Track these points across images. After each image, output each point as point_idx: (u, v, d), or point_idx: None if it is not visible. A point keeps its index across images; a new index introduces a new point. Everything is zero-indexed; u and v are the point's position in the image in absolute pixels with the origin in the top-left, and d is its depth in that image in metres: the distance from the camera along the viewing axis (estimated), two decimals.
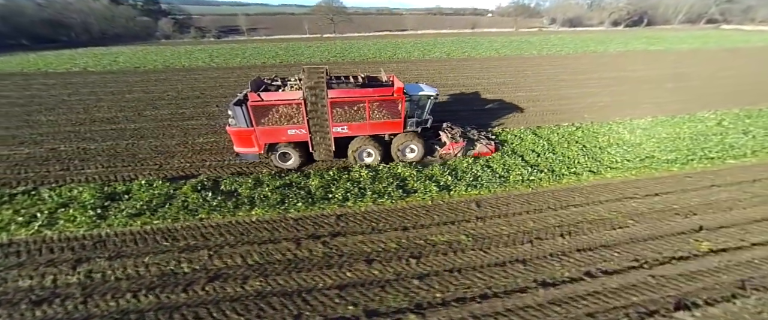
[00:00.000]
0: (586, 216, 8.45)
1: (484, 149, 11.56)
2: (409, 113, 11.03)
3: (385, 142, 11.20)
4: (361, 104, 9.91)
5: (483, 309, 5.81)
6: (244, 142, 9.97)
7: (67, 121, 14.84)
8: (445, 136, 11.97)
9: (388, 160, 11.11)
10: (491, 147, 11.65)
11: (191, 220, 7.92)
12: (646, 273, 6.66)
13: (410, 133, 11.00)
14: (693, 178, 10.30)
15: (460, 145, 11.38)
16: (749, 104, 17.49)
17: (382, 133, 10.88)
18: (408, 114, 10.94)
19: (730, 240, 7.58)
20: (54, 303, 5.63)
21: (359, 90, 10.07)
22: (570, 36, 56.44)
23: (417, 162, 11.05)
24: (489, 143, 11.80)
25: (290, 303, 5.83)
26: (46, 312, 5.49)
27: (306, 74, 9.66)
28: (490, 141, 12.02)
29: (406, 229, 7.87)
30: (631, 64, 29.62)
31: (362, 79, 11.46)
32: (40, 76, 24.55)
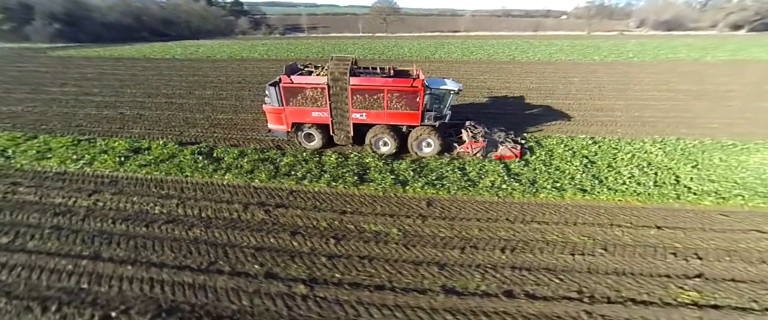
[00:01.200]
0: (546, 235, 7.38)
1: (507, 152, 10.87)
2: (429, 107, 10.99)
3: (403, 133, 11.30)
4: (381, 93, 10.29)
5: (371, 298, 5.76)
6: (275, 119, 11.26)
7: (142, 94, 19.07)
8: (466, 134, 11.65)
9: (405, 152, 11.23)
10: (516, 151, 10.90)
11: (179, 176, 9.64)
12: (582, 307, 5.60)
13: (428, 128, 10.93)
14: (728, 218, 7.95)
15: (479, 145, 10.94)
16: None
17: (400, 124, 11.04)
18: (427, 107, 10.91)
19: (732, 298, 5.77)
20: (65, 215, 7.70)
21: (380, 79, 10.47)
22: (657, 41, 46.82)
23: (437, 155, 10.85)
24: (514, 147, 11.06)
25: (213, 251, 6.75)
26: (59, 220, 7.57)
27: (333, 62, 10.54)
28: (516, 145, 11.28)
29: (344, 213, 8.12)
30: (723, 77, 23.34)
31: (391, 71, 11.56)
32: (143, 60, 31.77)
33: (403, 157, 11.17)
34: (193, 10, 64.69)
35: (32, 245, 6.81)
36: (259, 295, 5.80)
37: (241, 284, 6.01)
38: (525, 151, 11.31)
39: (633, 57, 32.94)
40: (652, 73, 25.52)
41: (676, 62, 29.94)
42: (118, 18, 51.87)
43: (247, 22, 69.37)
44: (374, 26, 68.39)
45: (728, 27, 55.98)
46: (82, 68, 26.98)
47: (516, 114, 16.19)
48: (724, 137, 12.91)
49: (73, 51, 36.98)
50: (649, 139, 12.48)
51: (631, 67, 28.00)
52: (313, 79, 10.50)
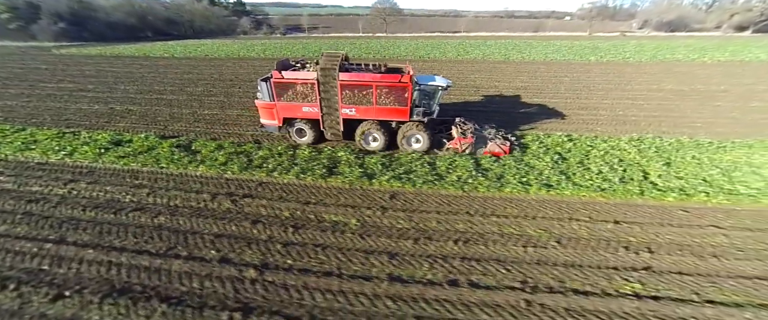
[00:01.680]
0: (503, 228, 7.47)
1: (496, 148, 10.92)
2: (418, 103, 11.06)
3: (392, 129, 11.37)
4: (369, 89, 10.37)
5: (317, 283, 5.93)
6: (267, 114, 11.38)
7: (134, 90, 19.55)
8: (455, 130, 11.74)
9: (394, 148, 11.32)
10: (505, 147, 10.98)
11: (154, 167, 9.94)
12: (523, 296, 5.69)
13: (417, 123, 10.97)
14: (689, 214, 7.94)
15: (467, 140, 11.01)
16: None
17: (388, 120, 11.09)
18: (416, 103, 10.98)
19: (674, 290, 5.81)
20: (39, 202, 8.03)
21: (368, 74, 10.56)
22: (657, 42, 46.24)
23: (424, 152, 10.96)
24: (504, 143, 11.15)
25: (173, 237, 6.99)
26: (32, 207, 7.90)
27: (323, 58, 10.67)
28: (506, 141, 11.37)
29: (308, 204, 8.31)
30: (717, 77, 23.04)
31: (383, 67, 11.72)
32: (142, 59, 32.43)
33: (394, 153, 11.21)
34: (195, 10, 65.66)
35: (3, 229, 7.15)
36: (211, 278, 6.01)
37: (195, 268, 6.24)
38: (514, 147, 11.40)
39: (629, 57, 32.63)
40: (646, 74, 25.29)
41: (673, 63, 29.59)
42: (122, 18, 52.99)
43: (248, 22, 70.24)
44: (375, 26, 68.81)
45: (733, 28, 55.04)
46: (82, 66, 27.70)
47: (499, 111, 16.23)
48: (704, 136, 12.82)
49: (76, 49, 37.93)
50: (626, 137, 12.45)
51: (625, 68, 27.75)
52: (303, 75, 10.62)
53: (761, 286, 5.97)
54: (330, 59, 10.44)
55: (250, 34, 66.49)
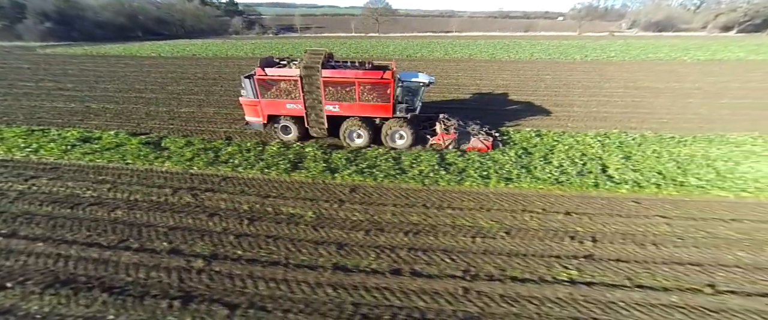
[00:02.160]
0: (456, 220, 7.64)
1: (479, 144, 11.07)
2: (401, 99, 11.11)
3: (376, 125, 11.43)
4: (352, 85, 10.38)
5: (263, 273, 6.05)
6: (252, 112, 11.39)
7: (114, 89, 19.51)
8: (439, 126, 11.84)
9: (380, 144, 11.34)
10: (487, 143, 11.10)
11: (120, 163, 9.99)
12: (462, 284, 5.85)
13: (400, 120, 11.01)
14: (639, 204, 8.17)
15: (450, 136, 11.16)
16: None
17: (372, 116, 11.12)
18: (399, 100, 11.01)
19: (609, 276, 6.01)
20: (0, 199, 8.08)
21: (351, 71, 10.55)
22: (644, 42, 46.91)
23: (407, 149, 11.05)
24: (486, 139, 11.27)
25: (127, 230, 7.06)
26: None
27: (306, 55, 10.75)
28: (488, 137, 11.49)
29: (268, 197, 8.44)
30: (695, 75, 23.51)
31: (368, 64, 11.65)
32: (128, 58, 32.26)
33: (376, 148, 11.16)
34: (186, 9, 65.37)
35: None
36: (158, 269, 6.09)
37: (143, 259, 6.31)
38: (497, 143, 11.51)
39: (613, 56, 33.12)
40: (627, 72, 25.71)
41: (654, 62, 30.09)
42: (111, 17, 52.59)
43: (240, 22, 69.98)
44: (367, 26, 69.01)
45: (718, 29, 56.01)
46: (66, 65, 27.49)
47: (476, 108, 16.42)
48: (669, 131, 13.14)
49: (62, 49, 37.60)
50: (593, 133, 12.73)
51: (607, 66, 28.17)
52: (287, 72, 10.64)
53: (692, 271, 6.19)
54: (313, 56, 10.53)
55: (242, 34, 66.28)
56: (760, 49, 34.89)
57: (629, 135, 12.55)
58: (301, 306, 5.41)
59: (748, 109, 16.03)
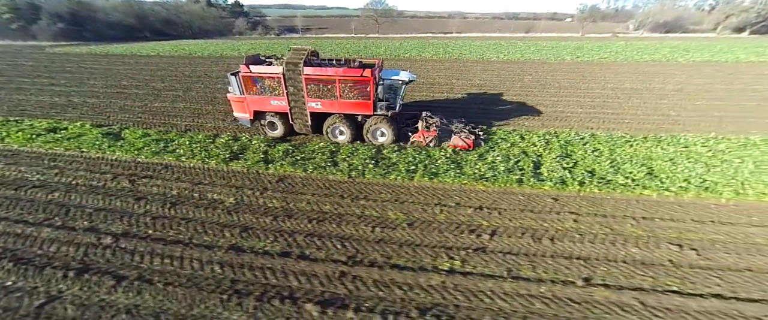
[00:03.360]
0: (365, 211, 7.88)
1: (460, 142, 11.11)
2: (382, 97, 11.18)
3: (358, 123, 11.62)
4: (333, 83, 10.56)
5: (163, 250, 6.49)
6: (239, 107, 11.73)
7: (101, 85, 20.64)
8: (421, 124, 11.93)
9: (362, 141, 11.55)
10: (469, 141, 11.14)
11: (76, 151, 10.73)
12: (341, 268, 6.12)
13: (381, 117, 11.12)
14: (556, 201, 8.20)
15: (431, 134, 11.28)
16: None
17: (353, 113, 11.28)
18: (380, 97, 11.10)
19: (491, 267, 6.16)
20: None
21: (331, 69, 10.66)
22: (646, 43, 45.54)
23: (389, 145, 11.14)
24: (468, 137, 11.33)
25: (56, 210, 7.67)
26: None
27: (290, 52, 10.97)
28: (470, 135, 11.54)
29: (198, 184, 8.91)
30: (682, 76, 22.79)
31: (357, 63, 11.60)
32: (127, 57, 33.84)
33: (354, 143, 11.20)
34: (193, 11, 67.80)
35: None
36: (70, 244, 6.63)
37: (60, 235, 6.87)
38: (479, 142, 11.56)
39: (606, 58, 32.40)
40: (613, 73, 25.16)
41: (647, 63, 29.25)
42: (121, 18, 55.17)
43: (244, 23, 71.92)
44: (367, 27, 69.68)
45: (730, 30, 53.65)
46: (67, 63, 29.14)
47: (441, 107, 16.43)
48: (627, 131, 12.96)
49: (69, 48, 39.79)
50: (542, 132, 12.69)
51: (595, 67, 27.62)
52: (270, 69, 10.86)
53: (575, 266, 6.24)
54: (295, 54, 10.77)
55: (246, 35, 68.05)
56: (766, 52, 33.44)
57: (580, 134, 12.48)
58: (183, 280, 5.81)
59: (719, 110, 15.58)
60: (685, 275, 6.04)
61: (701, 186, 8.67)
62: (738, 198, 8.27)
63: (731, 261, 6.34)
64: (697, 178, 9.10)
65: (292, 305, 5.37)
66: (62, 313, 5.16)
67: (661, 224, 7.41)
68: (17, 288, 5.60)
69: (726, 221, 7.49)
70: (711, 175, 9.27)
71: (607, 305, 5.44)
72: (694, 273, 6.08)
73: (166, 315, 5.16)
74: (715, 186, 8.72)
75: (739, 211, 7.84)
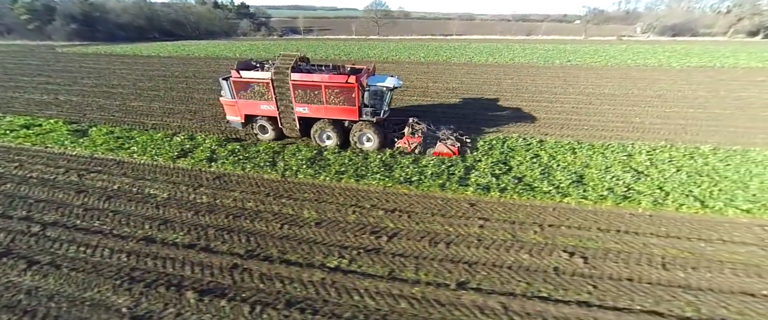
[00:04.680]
0: (284, 209, 8.26)
1: (445, 149, 11.10)
2: (368, 103, 11.24)
3: (345, 128, 11.83)
4: (319, 89, 10.80)
5: (82, 239, 7.06)
6: (231, 111, 12.12)
7: (91, 84, 21.86)
8: (407, 130, 11.91)
9: (349, 146, 11.71)
10: (454, 148, 11.15)
11: (40, 146, 11.59)
12: (235, 260, 6.52)
13: (367, 123, 11.27)
14: (473, 206, 8.38)
15: (415, 140, 11.37)
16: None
17: (339, 118, 11.47)
18: (365, 103, 11.18)
19: (375, 267, 6.44)
20: None
21: (318, 75, 10.93)
22: (647, 46, 44.24)
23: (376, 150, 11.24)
24: (453, 144, 11.39)
25: (5, 201, 8.41)
26: None
27: (279, 58, 11.33)
28: (456, 143, 11.56)
29: (140, 179, 9.54)
30: (667, 82, 22.24)
31: (349, 68, 11.99)
32: (128, 57, 35.48)
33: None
34: (200, 12, 70.21)
35: None
36: (2, 230, 7.30)
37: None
38: (464, 149, 11.56)
39: (599, 61, 31.75)
40: (597, 77, 24.72)
41: (639, 68, 28.55)
42: (131, 19, 57.77)
43: (249, 24, 73.91)
44: (367, 29, 70.34)
45: (743, 33, 51.29)
46: (69, 63, 30.86)
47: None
48: (583, 138, 12.89)
49: (78, 48, 42.00)
50: (490, 137, 12.71)
51: (582, 71, 27.17)
52: (259, 74, 11.16)
53: (458, 269, 6.43)
54: (284, 60, 11.09)
55: (250, 36, 69.90)
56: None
57: (527, 140, 12.49)
58: (89, 267, 6.35)
59: (687, 118, 15.26)
60: (562, 282, 6.16)
61: (622, 196, 8.66)
62: (656, 209, 8.24)
63: (615, 270, 6.40)
64: (622, 187, 9.06)
65: (175, 292, 5.81)
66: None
67: (565, 232, 7.50)
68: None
69: (631, 231, 7.50)
70: (638, 185, 9.22)
71: (471, 308, 5.62)
72: (572, 281, 6.18)
73: (60, 297, 5.71)
74: (637, 195, 8.70)
75: (650, 222, 7.82)
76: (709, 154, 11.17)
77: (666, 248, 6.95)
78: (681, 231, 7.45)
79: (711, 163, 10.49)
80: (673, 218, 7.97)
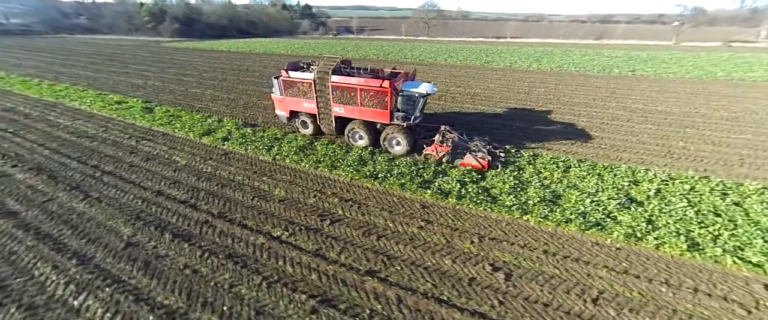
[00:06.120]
0: (274, 189, 9.69)
1: (473, 161, 10.76)
2: (400, 107, 11.57)
3: (377, 130, 12.27)
4: (355, 91, 11.42)
5: (118, 185, 9.54)
6: (280, 106, 13.52)
7: (172, 73, 27.40)
8: (437, 137, 11.85)
9: (380, 148, 12.13)
10: (484, 161, 10.69)
11: (122, 118, 15.51)
12: (215, 220, 8.05)
13: (398, 127, 11.56)
14: (452, 215, 8.58)
15: (444, 148, 11.22)
16: None
17: (372, 121, 11.91)
18: (398, 107, 11.52)
19: (331, 252, 7.23)
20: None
21: (355, 78, 11.51)
22: (744, 55, 34.64)
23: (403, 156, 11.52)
24: (484, 157, 10.91)
25: (84, 151, 11.74)
26: None
27: (322, 61, 12.34)
28: (487, 156, 11.01)
29: (172, 148, 12.23)
30: (688, 98, 17.80)
31: (390, 72, 12.64)
32: (206, 51, 42.87)
33: None
34: (270, 13, 79.94)
35: None
36: (78, 172, 10.36)
37: (64, 160, 10.83)
38: (496, 163, 10.94)
39: (675, 72, 26.55)
40: (658, 91, 21.04)
41: (724, 82, 23.16)
42: (217, 19, 69.34)
43: (309, 24, 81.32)
44: (418, 29, 70.55)
45: None
46: (165, 55, 38.82)
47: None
48: (587, 156, 11.62)
49: (178, 44, 52.32)
50: None
51: (643, 83, 23.36)
52: (303, 75, 12.22)
53: (377, 259, 6.93)
54: (327, 63, 12.01)
55: (309, 35, 77.08)
56: None
57: (520, 153, 11.70)
58: (114, 202, 8.71)
59: (757, 148, 12.25)
60: (470, 291, 6.15)
61: (595, 223, 7.78)
62: (628, 243, 7.24)
63: (534, 293, 6.07)
64: (599, 214, 8.10)
65: (159, 232, 7.65)
66: None
67: (505, 247, 7.25)
68: None
69: (582, 260, 6.86)
70: (622, 214, 8.12)
71: (368, 293, 6.09)
72: (481, 292, 6.12)
73: (93, 221, 8.08)
74: (614, 225, 7.68)
75: (613, 255, 6.96)
76: (753, 194, 8.98)
77: (612, 284, 6.23)
78: (645, 271, 6.52)
79: (745, 204, 8.49)
80: (648, 256, 6.94)
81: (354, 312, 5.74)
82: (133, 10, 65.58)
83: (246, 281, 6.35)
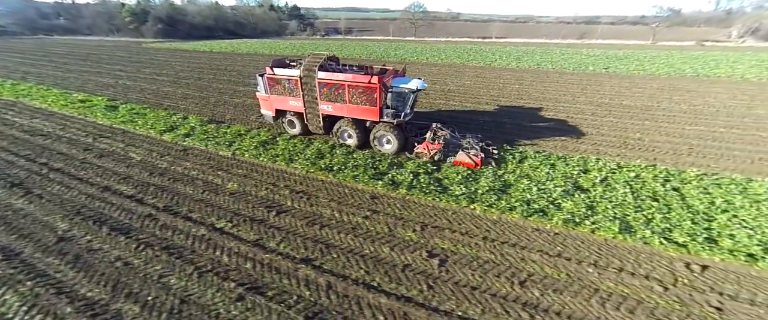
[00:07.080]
0: (227, 183, 9.58)
1: (466, 159, 10.49)
2: (390, 104, 11.19)
3: (367, 128, 11.81)
4: (343, 88, 11.00)
5: (63, 180, 9.30)
6: (265, 105, 12.91)
7: (147, 73, 26.92)
8: (428, 135, 11.58)
9: (370, 147, 11.75)
10: (476, 159, 10.44)
11: (82, 115, 15.13)
12: (159, 214, 7.92)
13: (388, 125, 11.17)
14: (399, 205, 8.61)
15: (435, 146, 10.95)
16: None
17: (360, 118, 11.50)
18: (387, 105, 11.14)
19: (270, 241, 7.20)
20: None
21: (342, 74, 11.09)
22: (739, 54, 36.11)
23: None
24: (476, 154, 10.69)
25: (35, 148, 11.41)
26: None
27: (308, 57, 11.80)
28: (480, 153, 10.78)
29: (129, 145, 11.94)
30: (658, 94, 18.37)
31: (378, 69, 12.26)
32: (188, 52, 42.27)
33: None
34: (258, 14, 79.31)
35: None
36: (24, 170, 10.05)
37: (13, 159, 10.48)
38: (488, 160, 10.76)
39: (646, 70, 27.28)
40: (627, 87, 21.51)
41: (691, 79, 23.91)
42: (203, 20, 68.41)
43: (296, 25, 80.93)
44: (404, 30, 71.08)
45: None
46: (144, 55, 38.16)
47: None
48: (545, 148, 11.86)
49: (159, 44, 51.37)
50: None
51: (613, 80, 23.83)
52: (289, 72, 11.67)
53: (315, 248, 6.91)
54: (313, 59, 11.54)
55: (297, 35, 76.64)
56: None
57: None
58: (56, 198, 8.46)
59: (707, 138, 12.72)
60: (402, 277, 6.17)
61: (537, 210, 7.95)
62: (566, 228, 7.39)
63: (465, 278, 6.13)
64: (544, 202, 8.25)
65: (97, 227, 7.46)
66: None
67: (446, 235, 7.31)
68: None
69: (519, 245, 6.96)
70: (566, 201, 8.29)
71: (300, 280, 6.07)
72: (413, 278, 6.15)
73: (29, 216, 7.83)
74: (556, 212, 7.84)
75: (550, 240, 7.09)
76: (692, 180, 9.30)
77: (543, 267, 6.35)
78: (577, 254, 6.67)
79: (684, 190, 8.79)
80: (583, 240, 7.09)
81: (281, 298, 5.71)
82: (114, 10, 64.21)
83: (177, 271, 6.26)
